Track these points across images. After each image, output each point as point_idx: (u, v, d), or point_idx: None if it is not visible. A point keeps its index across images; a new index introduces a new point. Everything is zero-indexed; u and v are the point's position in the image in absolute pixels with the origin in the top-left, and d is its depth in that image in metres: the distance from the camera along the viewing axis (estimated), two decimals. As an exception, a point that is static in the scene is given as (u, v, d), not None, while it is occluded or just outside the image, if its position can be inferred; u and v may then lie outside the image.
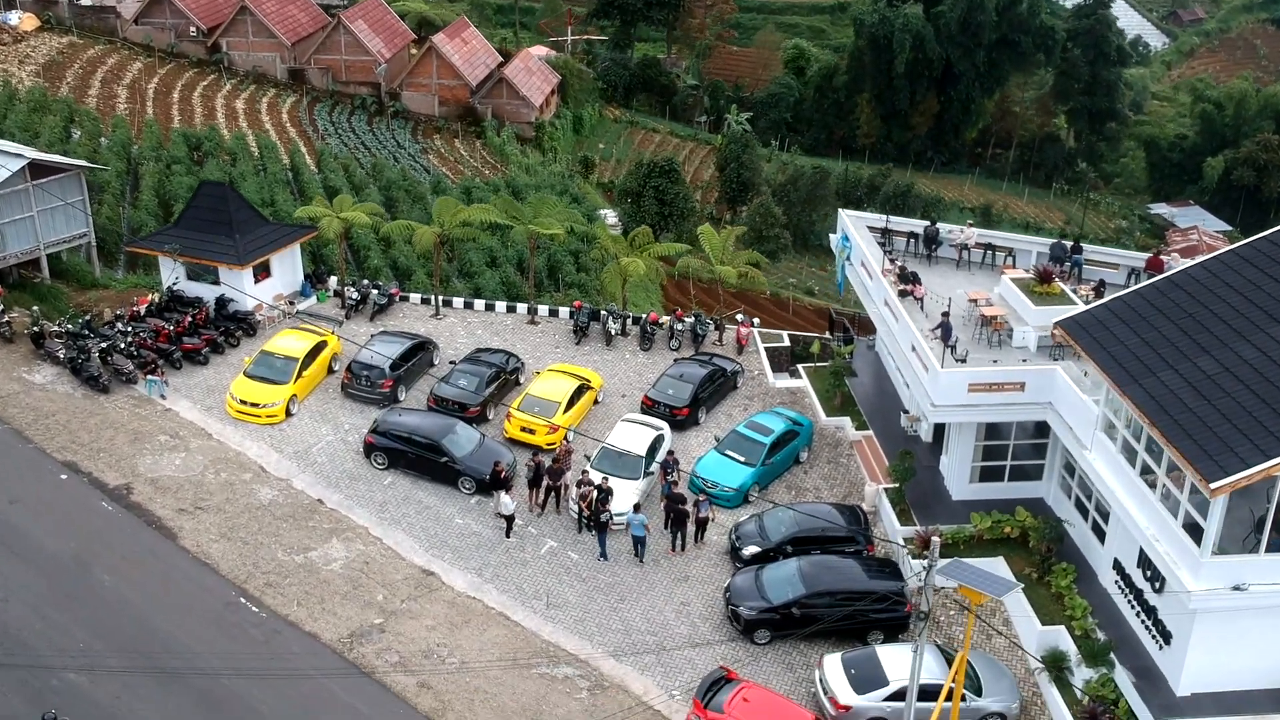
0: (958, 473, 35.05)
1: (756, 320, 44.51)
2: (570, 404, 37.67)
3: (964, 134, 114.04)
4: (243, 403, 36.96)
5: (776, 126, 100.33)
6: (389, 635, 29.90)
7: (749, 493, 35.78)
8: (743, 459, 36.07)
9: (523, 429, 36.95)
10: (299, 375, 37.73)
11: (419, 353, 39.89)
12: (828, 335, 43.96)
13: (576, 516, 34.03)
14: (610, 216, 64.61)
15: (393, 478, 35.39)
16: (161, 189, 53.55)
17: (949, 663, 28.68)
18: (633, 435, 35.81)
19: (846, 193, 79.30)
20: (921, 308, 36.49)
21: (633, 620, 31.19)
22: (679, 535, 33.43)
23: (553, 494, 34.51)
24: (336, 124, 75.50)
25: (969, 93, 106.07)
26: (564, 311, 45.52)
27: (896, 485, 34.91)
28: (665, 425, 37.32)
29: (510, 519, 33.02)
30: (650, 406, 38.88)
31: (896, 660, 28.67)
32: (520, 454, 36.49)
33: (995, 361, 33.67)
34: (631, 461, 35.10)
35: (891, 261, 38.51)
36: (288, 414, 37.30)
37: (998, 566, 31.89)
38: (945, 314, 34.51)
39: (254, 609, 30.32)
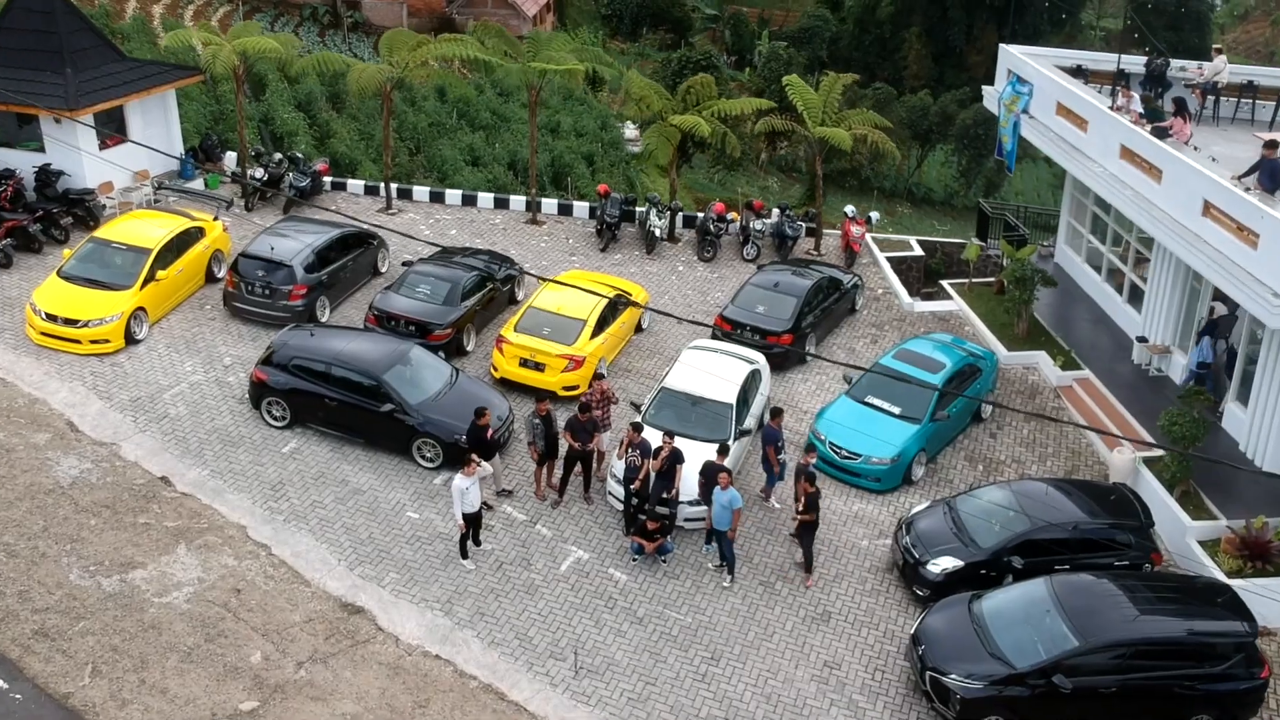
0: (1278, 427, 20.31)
1: (875, 215, 29.70)
2: (601, 325, 22.81)
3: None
4: (50, 318, 21.91)
5: (811, 65, 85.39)
6: (268, 736, 15.04)
7: (912, 466, 20.93)
8: (899, 410, 21.23)
9: (524, 362, 22.03)
10: (150, 278, 22.73)
11: (354, 249, 24.93)
12: (976, 240, 29.25)
13: (622, 506, 19.21)
14: (629, 128, 49.78)
15: (298, 441, 20.42)
16: None
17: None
18: (711, 371, 20.92)
19: (913, 123, 64.56)
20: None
21: (738, 699, 16.31)
22: (806, 546, 18.66)
23: (576, 466, 19.63)
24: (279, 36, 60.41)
25: (1035, 25, 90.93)
26: (580, 209, 30.64)
27: (1175, 453, 20.12)
28: (760, 356, 22.43)
29: (471, 523, 17.97)
30: (729, 332, 24.04)
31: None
32: (519, 403, 21.62)
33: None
34: (714, 412, 20.20)
35: (1125, 94, 23.80)
36: (129, 339, 22.31)
37: None
38: (1274, 145, 19.77)
39: (1, 683, 15.40)
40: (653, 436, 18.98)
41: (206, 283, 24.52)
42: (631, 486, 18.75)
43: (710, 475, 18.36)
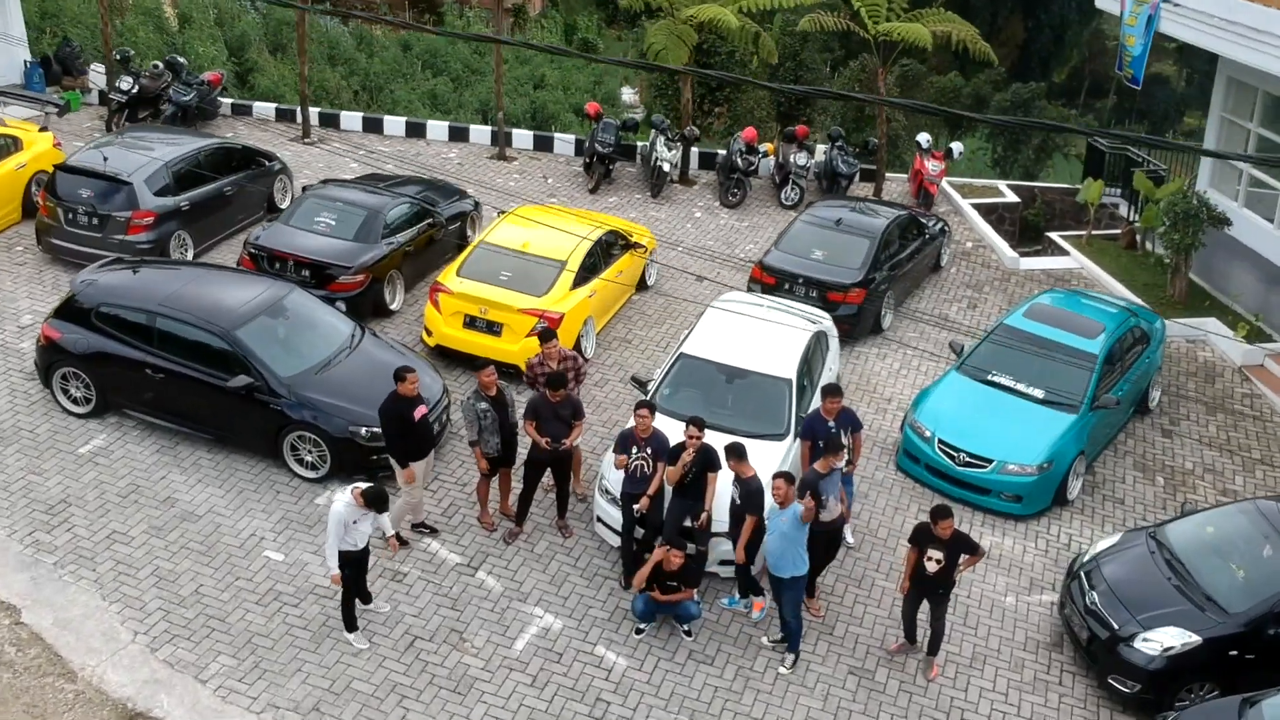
0: None
1: (957, 148, 22.41)
2: (589, 272, 15.50)
3: (1053, 72, 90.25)
4: None
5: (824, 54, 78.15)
6: None
7: (1068, 478, 13.52)
8: (1042, 393, 13.91)
9: (470, 322, 14.62)
10: (-81, 199, 15.46)
11: (237, 171, 17.56)
12: (1086, 182, 21.95)
13: (619, 540, 11.85)
14: (627, 92, 42.64)
15: (107, 437, 12.96)
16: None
17: None
18: (756, 331, 13.59)
19: (944, 102, 57.47)
20: None
21: None
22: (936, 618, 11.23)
23: (545, 477, 12.25)
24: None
25: (1063, 15, 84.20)
26: (564, 143, 23.36)
27: None
28: (825, 316, 15.06)
29: (353, 569, 10.40)
30: (771, 286, 16.64)
31: None
32: (460, 383, 14.28)
33: None
34: (763, 392, 12.85)
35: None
36: (-122, 287, 14.96)
37: None
38: None
39: None
40: (670, 429, 11.69)
41: (24, 217, 17.18)
42: (636, 508, 11.43)
43: (748, 506, 11.06)
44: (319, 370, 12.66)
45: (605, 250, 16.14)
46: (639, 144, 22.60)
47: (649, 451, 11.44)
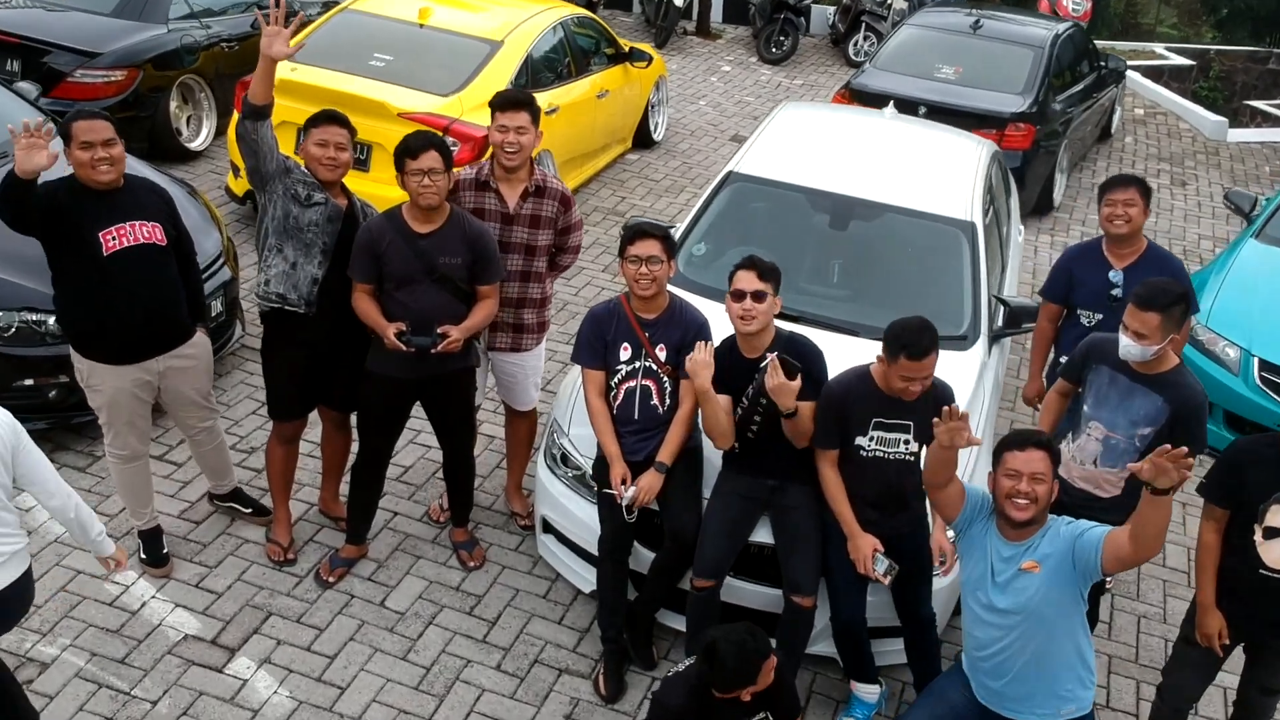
0: None
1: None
2: (545, 77, 8.52)
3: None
4: None
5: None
6: None
7: None
8: None
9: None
10: None
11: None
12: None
13: (595, 576, 4.81)
14: None
15: None
16: None
17: None
18: (876, 141, 6.62)
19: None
20: None
21: None
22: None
23: (400, 423, 5.21)
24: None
25: (1100, -12, 77.15)
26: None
27: None
28: (985, 141, 8.09)
29: None
30: (867, 127, 9.67)
31: None
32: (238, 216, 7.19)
33: None
34: (914, 251, 5.88)
35: None
36: None
37: None
38: None
39: None
40: (714, 321, 4.70)
41: None
42: (627, 495, 4.38)
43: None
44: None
45: (580, 53, 9.18)
46: (638, -12, 15.70)
47: (660, 352, 4.47)
